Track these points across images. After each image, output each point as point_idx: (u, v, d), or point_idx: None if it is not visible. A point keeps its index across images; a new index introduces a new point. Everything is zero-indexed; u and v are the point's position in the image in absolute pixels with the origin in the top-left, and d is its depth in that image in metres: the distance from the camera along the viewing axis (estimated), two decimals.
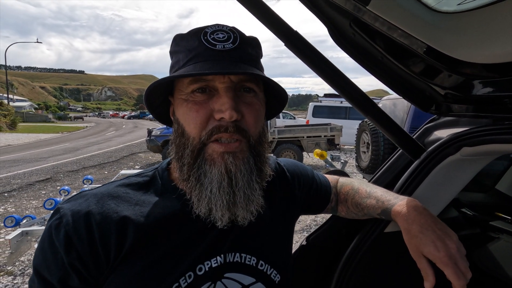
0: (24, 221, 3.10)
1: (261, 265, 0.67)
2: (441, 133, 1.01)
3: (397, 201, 0.78)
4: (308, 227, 4.73)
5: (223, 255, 0.64)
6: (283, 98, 0.71)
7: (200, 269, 0.61)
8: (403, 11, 0.70)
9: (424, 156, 0.97)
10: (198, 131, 0.59)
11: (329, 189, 0.92)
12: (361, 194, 0.87)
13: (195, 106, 0.60)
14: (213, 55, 0.58)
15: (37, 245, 0.65)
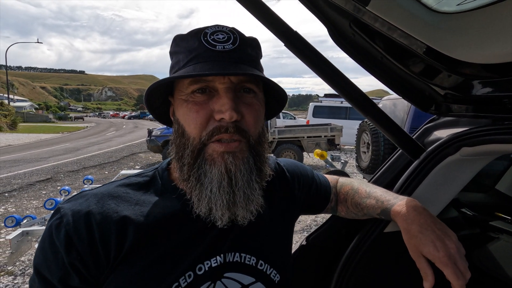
0: (24, 221, 3.10)
1: (261, 265, 0.68)
2: (441, 133, 1.01)
3: (396, 201, 0.78)
4: (308, 227, 4.72)
5: (223, 255, 0.64)
6: (282, 98, 0.71)
7: (200, 269, 0.61)
8: (402, 12, 0.70)
9: (423, 156, 0.97)
10: (198, 132, 0.60)
11: (329, 189, 0.92)
12: (360, 194, 0.87)
13: (195, 106, 0.60)
14: (213, 55, 0.59)
15: (37, 245, 0.66)
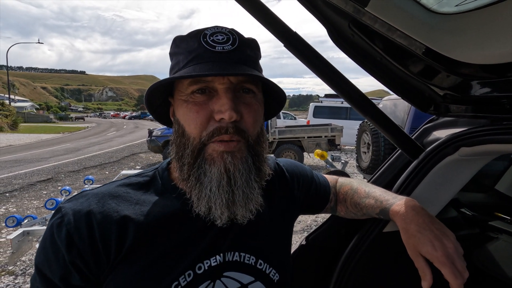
0: (25, 221, 3.10)
1: (260, 264, 0.68)
2: (440, 134, 1.02)
3: (395, 201, 0.78)
4: (308, 227, 4.72)
5: (222, 254, 0.64)
6: (281, 98, 0.71)
7: (199, 268, 0.62)
8: (401, 13, 0.71)
9: (422, 156, 0.97)
10: (198, 132, 0.60)
11: (328, 189, 0.92)
12: (360, 194, 0.87)
13: (195, 107, 0.60)
14: (213, 56, 0.59)
15: (38, 244, 0.66)
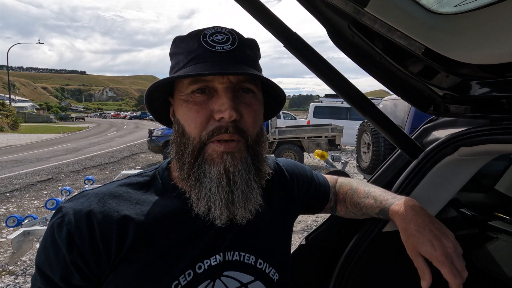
0: (25, 221, 3.11)
1: (260, 264, 0.68)
2: (439, 134, 1.02)
3: (395, 201, 0.78)
4: (308, 227, 4.73)
5: (222, 254, 0.64)
6: (281, 98, 0.71)
7: (199, 267, 0.62)
8: (401, 13, 0.71)
9: (422, 156, 0.97)
10: (198, 131, 0.60)
11: (328, 189, 0.93)
12: (359, 193, 0.87)
13: (195, 106, 0.60)
14: (212, 56, 0.59)
15: (39, 244, 0.66)
